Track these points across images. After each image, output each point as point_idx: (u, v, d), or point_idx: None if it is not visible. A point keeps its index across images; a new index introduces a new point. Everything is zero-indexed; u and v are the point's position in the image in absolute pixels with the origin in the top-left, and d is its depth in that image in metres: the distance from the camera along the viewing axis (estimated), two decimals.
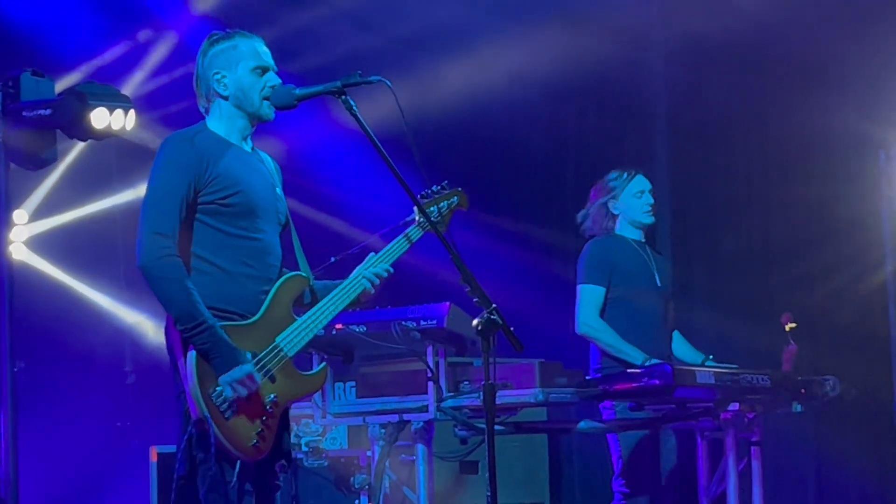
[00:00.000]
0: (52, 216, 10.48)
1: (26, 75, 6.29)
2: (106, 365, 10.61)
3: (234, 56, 5.13)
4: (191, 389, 4.81)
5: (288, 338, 5.02)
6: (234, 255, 5.01)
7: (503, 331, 4.86)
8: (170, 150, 5.02)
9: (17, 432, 6.43)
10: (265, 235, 5.10)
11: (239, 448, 4.86)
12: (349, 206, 10.26)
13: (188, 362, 4.83)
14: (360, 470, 7.85)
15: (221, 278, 4.98)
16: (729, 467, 6.91)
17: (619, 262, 7.19)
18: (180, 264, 4.89)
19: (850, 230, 8.81)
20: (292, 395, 5.06)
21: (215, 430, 4.80)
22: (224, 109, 5.14)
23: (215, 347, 4.83)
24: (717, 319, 9.07)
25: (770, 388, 6.85)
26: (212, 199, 4.99)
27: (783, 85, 9.22)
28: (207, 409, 4.80)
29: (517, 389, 6.37)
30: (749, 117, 9.45)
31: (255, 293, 5.02)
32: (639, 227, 7.35)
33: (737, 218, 9.48)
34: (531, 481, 8.76)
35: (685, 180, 9.58)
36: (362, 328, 6.43)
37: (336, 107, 5.14)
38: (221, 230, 5.01)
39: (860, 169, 8.76)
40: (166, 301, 4.87)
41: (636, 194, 7.32)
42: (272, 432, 4.96)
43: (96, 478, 10.17)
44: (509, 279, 9.59)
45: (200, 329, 4.82)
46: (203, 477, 4.90)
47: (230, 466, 4.87)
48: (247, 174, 5.08)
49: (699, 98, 9.64)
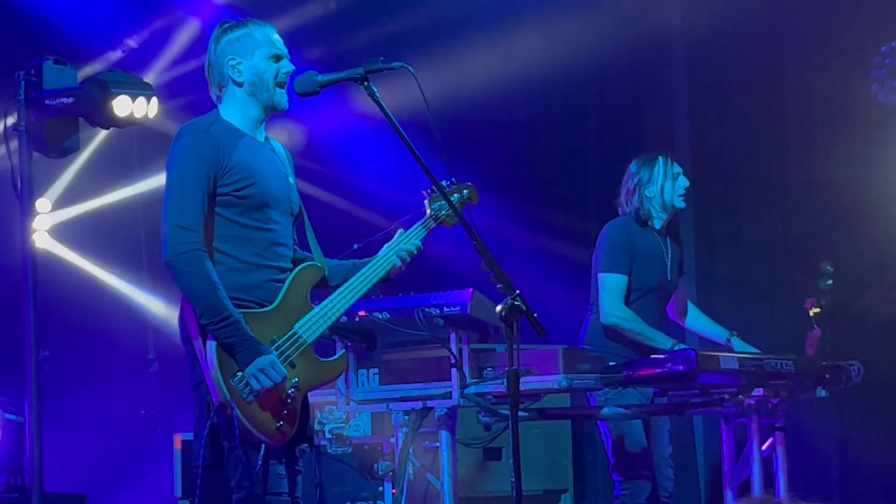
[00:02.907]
0: (76, 204, 10.51)
1: (48, 63, 6.28)
2: (129, 353, 10.65)
3: (250, 44, 5.15)
4: (212, 375, 4.83)
5: (306, 325, 5.04)
6: (249, 247, 5.04)
7: (527, 317, 4.86)
8: (187, 141, 5.03)
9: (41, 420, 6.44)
10: (279, 226, 5.12)
11: (263, 431, 4.88)
12: (370, 193, 10.26)
13: (208, 350, 4.85)
14: (383, 457, 7.86)
15: (236, 268, 5.01)
16: (753, 453, 6.91)
17: (639, 252, 7.09)
18: (206, 258, 4.91)
19: (874, 214, 8.76)
20: (313, 381, 5.09)
21: (238, 414, 4.81)
22: (238, 97, 5.15)
23: (241, 342, 4.85)
24: (739, 305, 9.04)
25: (794, 374, 6.83)
26: (227, 191, 5.01)
27: (805, 67, 9.17)
28: (230, 394, 4.81)
29: (540, 376, 6.36)
30: (770, 101, 9.41)
31: (268, 282, 5.04)
32: (669, 211, 7.22)
33: (759, 203, 9.44)
34: (554, 468, 8.76)
35: (706, 165, 9.54)
36: (385, 315, 6.43)
37: (356, 93, 5.14)
38: (236, 222, 5.03)
39: (883, 152, 8.72)
40: (192, 296, 4.89)
41: (674, 176, 7.20)
42: (295, 416, 4.99)
43: (120, 466, 10.21)
44: (532, 265, 9.59)
45: (226, 323, 4.84)
46: (235, 465, 4.92)
47: (254, 451, 4.89)
48: (260, 165, 5.09)
49: (719, 83, 9.60)
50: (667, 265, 7.19)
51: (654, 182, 7.15)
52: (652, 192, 7.16)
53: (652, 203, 7.16)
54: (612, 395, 6.82)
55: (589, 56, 9.68)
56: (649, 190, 7.16)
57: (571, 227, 10.02)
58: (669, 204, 7.18)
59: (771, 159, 9.42)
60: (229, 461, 4.94)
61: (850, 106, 8.88)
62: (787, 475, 7.03)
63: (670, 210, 7.20)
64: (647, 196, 7.16)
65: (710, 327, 7.38)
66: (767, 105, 9.43)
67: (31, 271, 6.19)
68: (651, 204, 7.16)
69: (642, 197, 7.16)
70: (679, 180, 7.19)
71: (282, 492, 4.98)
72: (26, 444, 6.25)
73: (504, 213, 9.63)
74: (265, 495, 4.92)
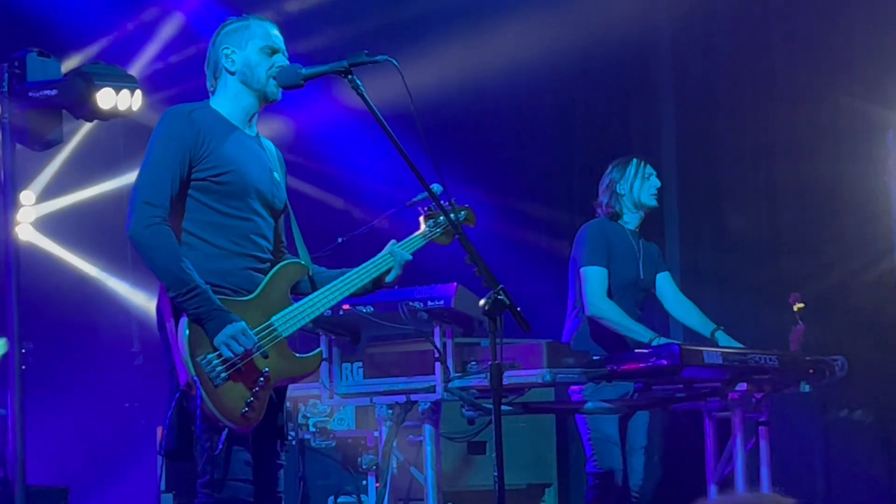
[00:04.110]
0: (60, 197, 10.48)
1: (32, 56, 6.27)
2: (113, 346, 10.62)
3: (245, 35, 5.19)
4: (181, 354, 4.82)
5: (283, 318, 5.05)
6: (224, 234, 5.05)
7: (510, 311, 4.86)
8: (166, 124, 5.07)
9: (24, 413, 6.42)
10: (258, 218, 5.12)
11: (226, 415, 4.85)
12: (355, 187, 10.26)
13: (179, 327, 4.85)
14: (367, 450, 7.86)
15: (211, 254, 5.01)
16: (736, 447, 6.92)
17: (613, 248, 7.22)
18: (169, 232, 4.93)
19: (859, 211, 8.78)
20: (285, 374, 5.07)
21: (203, 395, 4.79)
22: (230, 86, 5.18)
23: (209, 312, 4.85)
24: (724, 299, 9.05)
25: (778, 368, 6.85)
26: (204, 176, 5.03)
27: (790, 66, 9.20)
28: (196, 373, 4.80)
29: (524, 370, 6.37)
30: (757, 98, 9.43)
31: (243, 269, 5.05)
32: (641, 210, 7.35)
33: (744, 199, 9.46)
34: (538, 462, 8.75)
35: (692, 160, 9.56)
36: (369, 309, 6.42)
37: (342, 87, 5.13)
38: (213, 208, 5.05)
39: (868, 149, 8.74)
40: (157, 268, 4.91)
41: (645, 176, 7.33)
42: (262, 404, 4.96)
43: (104, 458, 10.18)
44: (516, 260, 9.59)
45: (193, 294, 4.85)
46: (201, 451, 4.91)
47: (216, 434, 4.87)
48: (242, 155, 5.10)
49: (706, 78, 9.61)
50: (639, 264, 7.29)
51: (625, 180, 7.34)
52: (623, 190, 7.34)
53: (623, 201, 7.34)
54: (592, 389, 6.85)
55: (575, 52, 9.69)
56: (620, 188, 7.34)
57: (556, 221, 10.02)
58: (639, 201, 7.34)
59: (757, 154, 9.43)
60: (196, 447, 4.92)
61: (835, 101, 8.90)
62: (770, 470, 7.04)
63: (641, 208, 7.36)
64: (619, 194, 7.34)
65: (698, 320, 7.41)
66: (753, 100, 9.45)
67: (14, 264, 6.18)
68: (622, 202, 7.34)
69: (614, 195, 7.33)
70: (651, 180, 7.37)
71: (245, 479, 4.95)
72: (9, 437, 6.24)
73: (489, 207, 9.63)
74: (226, 480, 4.90)
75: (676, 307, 7.47)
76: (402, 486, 7.38)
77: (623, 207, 7.33)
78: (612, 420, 7.07)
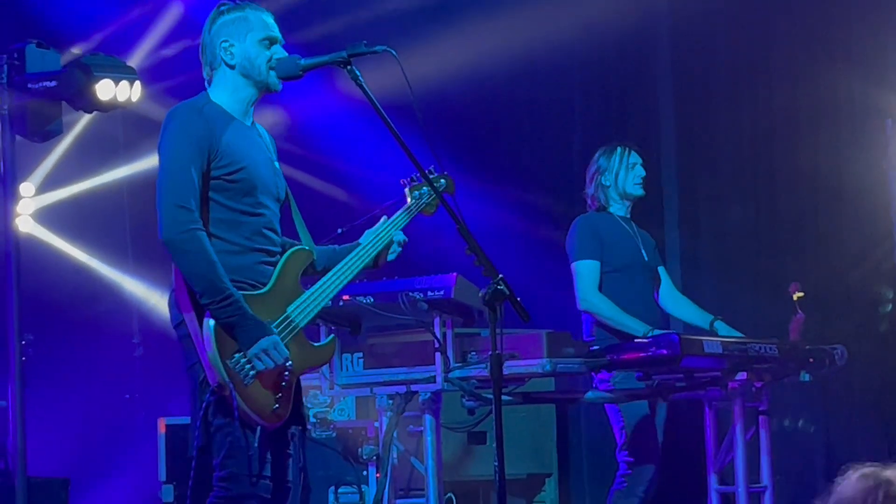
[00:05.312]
0: (59, 188, 10.47)
1: (31, 47, 6.28)
2: (114, 337, 10.61)
3: (244, 26, 5.13)
4: (210, 356, 4.80)
5: (298, 308, 5.04)
6: (238, 231, 5.01)
7: (510, 301, 4.86)
8: (180, 121, 4.99)
9: (24, 404, 6.44)
10: (267, 211, 5.11)
11: (260, 414, 4.86)
12: (353, 177, 10.25)
13: (205, 330, 4.81)
14: (367, 441, 7.87)
15: (228, 251, 4.98)
16: (736, 437, 6.92)
17: (606, 237, 7.20)
18: (205, 238, 4.87)
19: (858, 199, 8.78)
20: (305, 365, 5.09)
21: (237, 396, 4.79)
22: (229, 79, 5.13)
23: (242, 321, 4.82)
24: (723, 289, 9.06)
25: (778, 358, 6.85)
26: (219, 175, 4.98)
27: (789, 54, 9.19)
28: (227, 375, 4.79)
29: (524, 359, 6.37)
30: (755, 87, 9.42)
31: (257, 265, 5.03)
32: (628, 200, 7.35)
33: (743, 188, 9.45)
34: (539, 451, 8.76)
35: (691, 150, 9.56)
36: (369, 299, 6.43)
37: (340, 77, 5.13)
38: (227, 206, 5.00)
39: (867, 137, 8.73)
40: (193, 275, 4.84)
41: (629, 166, 7.33)
42: (290, 398, 4.98)
43: (104, 449, 10.18)
44: (516, 249, 9.59)
45: (228, 303, 4.81)
46: (221, 444, 4.89)
47: (252, 433, 4.87)
48: (249, 149, 5.08)
49: (705, 68, 9.60)
50: (639, 246, 7.27)
51: (609, 171, 7.34)
52: (608, 181, 7.34)
53: (608, 192, 7.34)
54: (621, 377, 6.85)
55: (575, 41, 9.67)
56: (605, 178, 7.34)
57: (556, 211, 10.00)
58: (624, 192, 7.34)
59: (756, 144, 9.42)
60: (214, 439, 4.91)
61: (834, 92, 8.89)
62: (770, 459, 7.05)
63: (627, 198, 7.36)
64: (604, 184, 7.35)
65: (694, 313, 7.40)
66: (753, 91, 9.43)
67: (14, 255, 6.19)
68: (608, 193, 7.34)
69: (599, 186, 7.34)
70: (635, 170, 7.36)
71: (266, 475, 4.96)
72: (9, 429, 6.26)
73: (488, 196, 9.63)
74: (251, 476, 4.90)
75: (671, 303, 7.45)
76: (402, 477, 7.39)
77: (609, 199, 7.32)
78: (645, 407, 7.06)
